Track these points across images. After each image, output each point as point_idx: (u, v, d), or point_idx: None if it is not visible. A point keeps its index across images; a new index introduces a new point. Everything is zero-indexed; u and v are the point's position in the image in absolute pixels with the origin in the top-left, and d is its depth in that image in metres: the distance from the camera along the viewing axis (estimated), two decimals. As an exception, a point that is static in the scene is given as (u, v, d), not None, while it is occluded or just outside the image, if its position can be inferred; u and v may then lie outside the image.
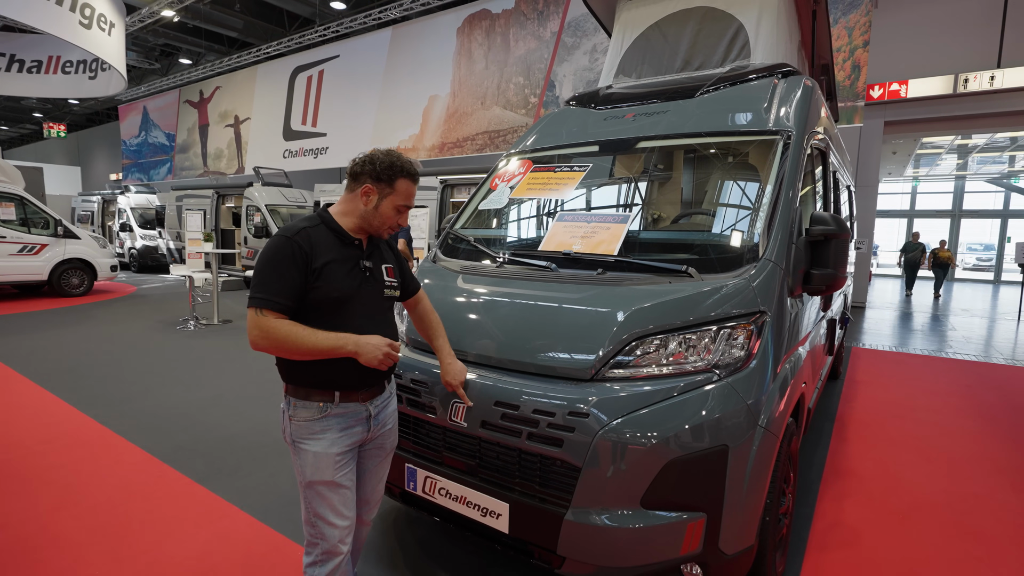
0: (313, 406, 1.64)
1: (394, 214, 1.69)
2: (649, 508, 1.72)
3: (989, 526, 2.77)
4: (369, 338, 1.58)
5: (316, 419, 1.64)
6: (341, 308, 1.62)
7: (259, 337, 1.52)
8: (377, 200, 1.66)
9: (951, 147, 14.36)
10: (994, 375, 5.91)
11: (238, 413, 4.20)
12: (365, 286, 1.68)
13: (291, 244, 1.55)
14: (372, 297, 1.70)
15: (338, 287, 1.60)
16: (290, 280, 1.53)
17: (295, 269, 1.54)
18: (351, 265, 1.66)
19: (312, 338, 1.52)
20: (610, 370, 1.86)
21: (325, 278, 1.58)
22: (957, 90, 10.19)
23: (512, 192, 3.04)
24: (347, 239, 1.67)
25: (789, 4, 3.70)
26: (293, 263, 1.54)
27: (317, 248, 1.59)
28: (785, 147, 2.43)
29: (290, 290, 1.53)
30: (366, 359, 1.56)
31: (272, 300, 1.52)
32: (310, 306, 1.58)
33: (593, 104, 3.35)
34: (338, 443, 1.65)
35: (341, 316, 1.61)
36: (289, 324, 1.52)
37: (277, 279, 1.53)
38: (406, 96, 14.30)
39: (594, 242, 2.44)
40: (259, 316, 1.52)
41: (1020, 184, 19.01)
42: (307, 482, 1.65)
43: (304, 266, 1.55)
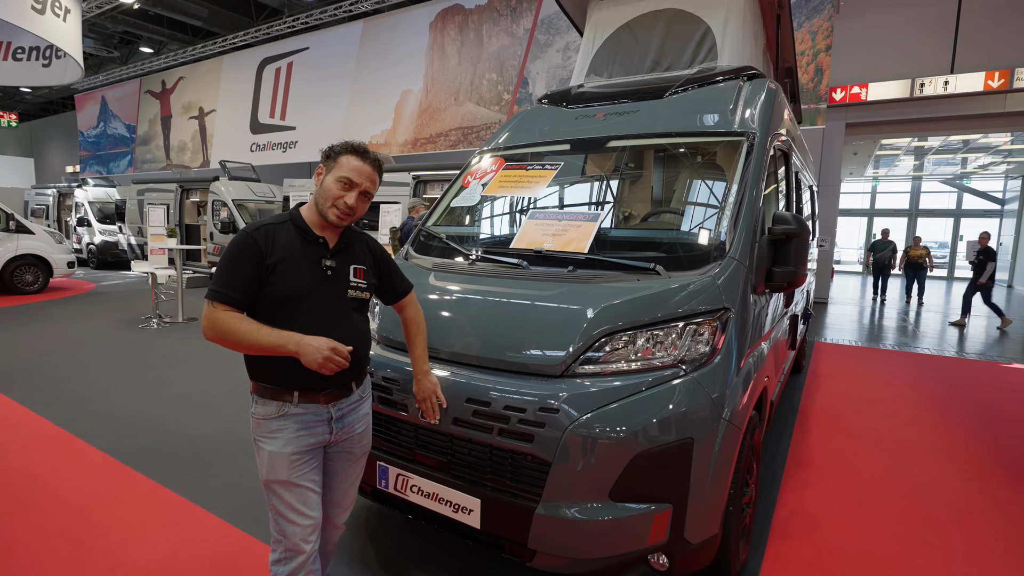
0: (272, 404, 1.63)
1: (337, 188, 1.60)
2: (617, 500, 1.77)
3: (939, 510, 2.92)
4: (312, 339, 1.53)
5: (274, 417, 1.63)
6: (291, 306, 1.59)
7: (207, 327, 1.54)
8: (324, 177, 1.65)
9: (908, 149, 14.93)
10: (946, 368, 6.20)
11: (204, 413, 4.11)
12: (324, 285, 1.64)
13: (249, 239, 1.57)
14: (330, 297, 1.66)
15: (290, 285, 1.58)
16: (243, 275, 1.54)
17: (249, 264, 1.55)
18: (310, 263, 1.63)
19: (255, 333, 1.51)
20: (580, 366, 1.89)
21: (278, 275, 1.57)
22: (914, 94, 10.61)
23: (484, 189, 3.04)
24: (310, 236, 1.65)
25: (754, 8, 3.80)
26: (248, 258, 1.55)
27: (275, 245, 1.59)
28: (749, 148, 2.50)
29: (242, 284, 1.54)
30: (306, 360, 1.52)
31: (223, 293, 1.53)
32: (263, 303, 1.58)
33: (565, 103, 3.38)
34: (293, 443, 1.63)
35: (292, 315, 1.59)
36: (235, 317, 1.53)
37: (231, 273, 1.54)
38: (378, 90, 14.14)
39: (565, 240, 2.47)
40: (210, 307, 1.54)
41: (972, 185, 19.91)
42: (264, 480, 1.65)
43: (258, 262, 1.55)
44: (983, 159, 16.00)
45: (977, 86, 10.16)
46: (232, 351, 1.65)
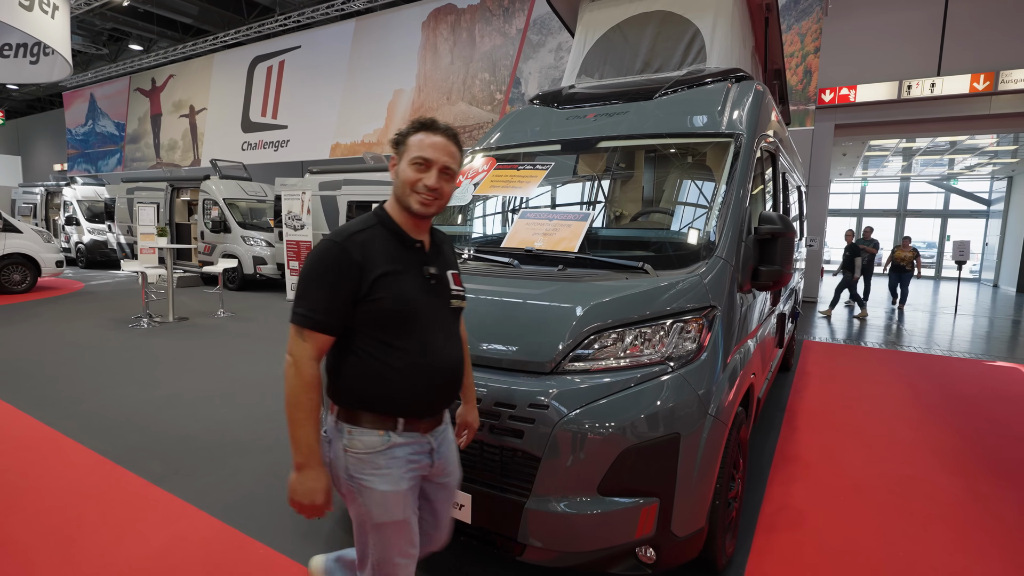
0: (373, 434, 1.39)
1: (413, 171, 1.39)
2: (606, 495, 1.80)
3: (921, 504, 2.98)
4: (309, 477, 1.34)
5: (380, 451, 1.39)
6: (401, 325, 1.38)
7: (288, 365, 1.32)
8: (398, 166, 1.44)
9: (896, 150, 15.12)
10: (933, 366, 6.30)
11: (196, 412, 4.10)
12: (430, 297, 1.44)
13: (339, 251, 1.32)
14: (436, 310, 1.46)
15: (399, 300, 1.36)
16: (336, 294, 1.31)
17: (343, 281, 1.31)
18: (414, 272, 1.42)
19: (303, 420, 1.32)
20: (569, 363, 1.93)
21: (383, 289, 1.34)
22: (901, 96, 10.75)
23: (476, 189, 3.07)
24: (407, 241, 1.44)
25: (743, 11, 3.85)
26: (341, 273, 1.31)
27: (372, 255, 1.35)
28: (736, 149, 2.55)
29: (336, 306, 1.31)
30: (294, 496, 1.35)
31: (313, 318, 1.31)
32: (363, 324, 1.36)
33: (556, 103, 3.42)
34: (406, 478, 1.42)
35: (407, 334, 1.39)
36: (309, 387, 1.31)
37: (322, 292, 1.31)
38: (370, 89, 14.13)
39: (555, 239, 2.50)
40: (298, 337, 1.33)
41: (958, 186, 20.18)
42: (376, 523, 1.42)
43: (355, 277, 1.32)
44: (969, 160, 16.22)
45: (963, 88, 10.32)
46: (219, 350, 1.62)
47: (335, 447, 1.43)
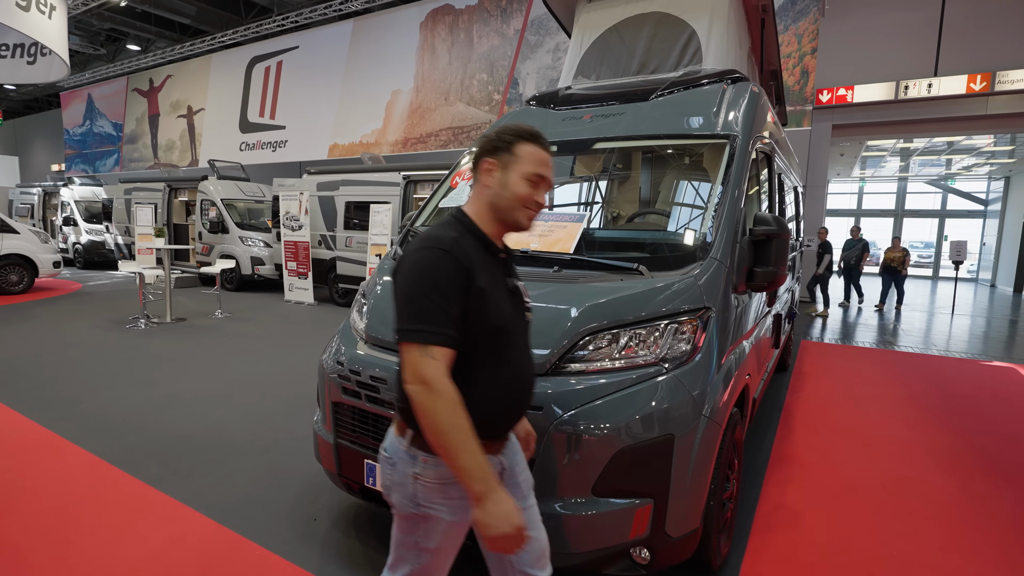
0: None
1: (528, 188, 1.31)
2: (600, 496, 1.81)
3: (916, 504, 2.99)
4: (496, 502, 1.15)
5: (455, 482, 1.24)
6: (500, 339, 1.30)
7: (422, 392, 1.16)
8: (501, 174, 1.32)
9: (894, 150, 15.15)
10: (930, 366, 6.32)
11: (193, 413, 4.10)
12: (515, 309, 1.37)
13: (451, 258, 1.21)
14: (522, 323, 1.39)
15: (500, 313, 1.28)
16: (455, 304, 1.20)
17: (458, 290, 1.20)
18: (501, 284, 1.33)
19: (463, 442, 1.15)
20: (564, 364, 1.93)
21: (485, 300, 1.24)
22: (899, 96, 10.78)
23: (472, 190, 3.08)
24: (494, 250, 1.35)
25: (739, 12, 3.86)
26: (456, 281, 1.20)
27: (474, 262, 1.24)
28: (732, 151, 2.55)
29: (455, 318, 1.20)
30: (489, 531, 1.16)
31: (440, 332, 1.18)
32: (464, 341, 1.23)
33: (552, 104, 3.42)
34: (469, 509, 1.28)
35: (500, 351, 1.30)
36: (457, 405, 1.16)
37: (441, 303, 1.19)
38: (368, 90, 14.14)
39: (551, 240, 2.51)
40: (425, 357, 1.17)
41: (956, 186, 20.22)
42: (426, 548, 1.33)
43: (466, 286, 1.22)
44: (967, 160, 16.25)
45: (960, 89, 10.35)
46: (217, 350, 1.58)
47: (400, 471, 1.31)
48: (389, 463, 1.34)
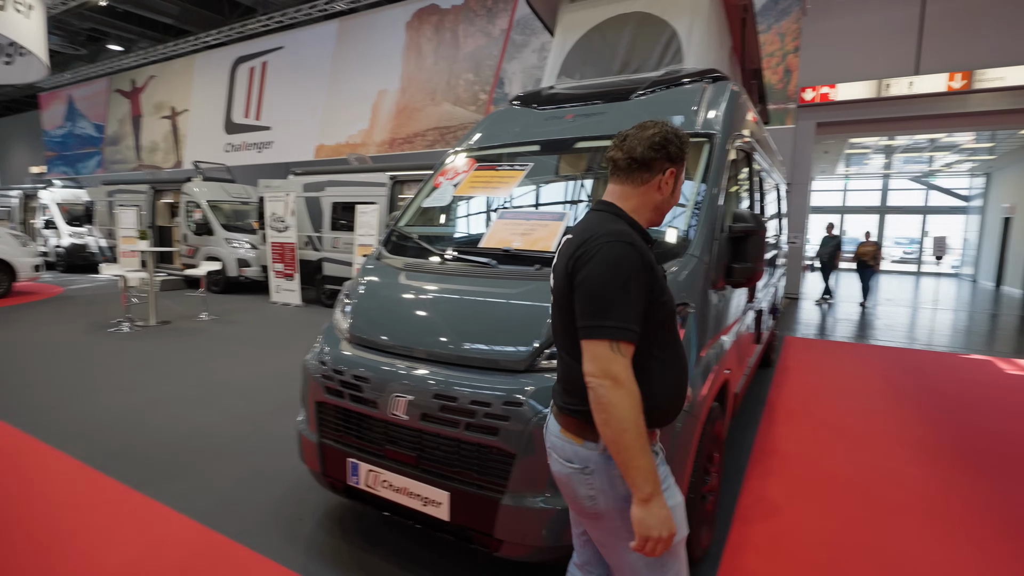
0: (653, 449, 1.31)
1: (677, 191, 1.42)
2: (568, 491, 1.82)
3: (893, 495, 3.05)
4: (660, 505, 1.19)
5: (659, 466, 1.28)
6: (671, 327, 1.32)
7: (610, 388, 1.17)
8: (674, 182, 1.38)
9: (877, 147, 15.36)
10: (912, 360, 6.42)
11: (177, 417, 4.07)
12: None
13: (636, 252, 1.23)
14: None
15: (671, 298, 1.32)
16: (640, 301, 1.22)
17: (645, 285, 1.23)
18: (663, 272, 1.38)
19: (639, 440, 1.17)
20: (544, 361, 1.95)
21: (664, 288, 1.29)
22: (881, 94, 10.92)
23: (456, 190, 3.10)
24: (649, 240, 1.39)
25: (719, 12, 3.90)
26: (642, 277, 1.22)
27: (649, 254, 1.28)
28: (711, 149, 2.59)
29: (639, 314, 1.22)
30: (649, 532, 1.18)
31: (630, 328, 1.19)
32: (649, 327, 1.25)
33: (535, 104, 3.45)
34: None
35: (674, 338, 1.33)
36: (639, 405, 1.18)
37: (630, 299, 1.20)
38: (354, 90, 14.07)
39: (533, 239, 2.53)
40: (616, 353, 1.18)
41: (938, 182, 20.54)
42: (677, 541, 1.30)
43: (650, 279, 1.24)
44: (949, 158, 16.52)
45: (940, 87, 10.51)
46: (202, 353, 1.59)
47: (602, 475, 1.29)
48: (583, 474, 1.30)
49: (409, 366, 2.12)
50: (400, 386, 2.07)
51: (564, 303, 1.31)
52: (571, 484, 1.34)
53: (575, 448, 1.32)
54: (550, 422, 1.43)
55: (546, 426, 1.46)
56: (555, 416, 1.41)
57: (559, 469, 1.37)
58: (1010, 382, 5.54)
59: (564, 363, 1.36)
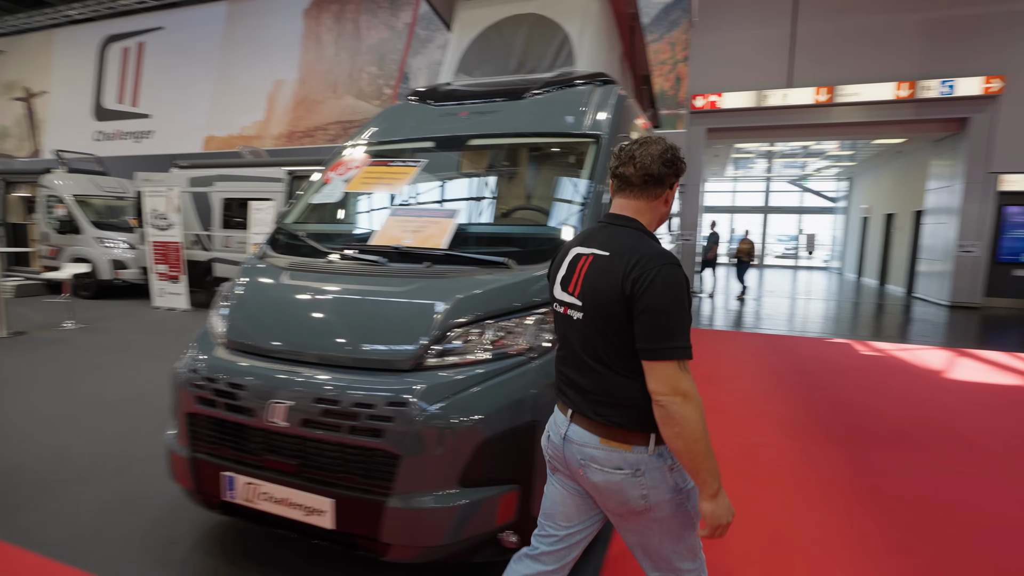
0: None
1: None
2: (467, 486, 1.83)
3: (763, 469, 3.36)
4: (724, 496, 1.34)
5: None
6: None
7: (683, 404, 1.26)
8: (674, 196, 1.51)
9: (760, 152, 16.86)
10: (783, 345, 7.11)
11: (28, 440, 3.59)
12: None
13: (684, 273, 1.34)
14: None
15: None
16: (690, 317, 1.34)
17: (690, 303, 1.34)
18: None
19: (710, 447, 1.29)
20: (430, 359, 1.93)
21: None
22: (760, 104, 11.97)
23: (347, 186, 2.99)
24: None
25: (609, 19, 4.08)
26: (689, 297, 1.33)
27: None
28: (597, 149, 2.69)
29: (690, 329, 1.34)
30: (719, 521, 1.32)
31: (690, 347, 1.29)
32: None
33: (431, 100, 3.41)
34: None
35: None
36: (704, 415, 1.29)
37: (687, 320, 1.30)
38: (248, 79, 13.15)
39: (424, 236, 2.49)
40: (686, 373, 1.27)
41: (811, 185, 22.94)
42: (695, 522, 1.43)
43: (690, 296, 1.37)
44: (819, 163, 18.48)
45: (808, 99, 11.71)
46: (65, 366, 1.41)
47: (654, 474, 1.36)
48: (635, 476, 1.36)
49: (288, 370, 2.01)
50: (278, 391, 1.95)
51: (607, 318, 1.34)
52: (622, 490, 1.38)
53: (624, 455, 1.37)
54: (575, 434, 1.43)
55: (565, 439, 1.45)
56: (586, 428, 1.42)
57: (605, 478, 1.38)
58: (863, 362, 6.30)
59: (597, 375, 1.38)
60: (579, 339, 1.41)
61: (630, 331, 1.30)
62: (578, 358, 1.42)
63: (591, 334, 1.38)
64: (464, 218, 2.66)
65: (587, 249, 1.44)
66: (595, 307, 1.36)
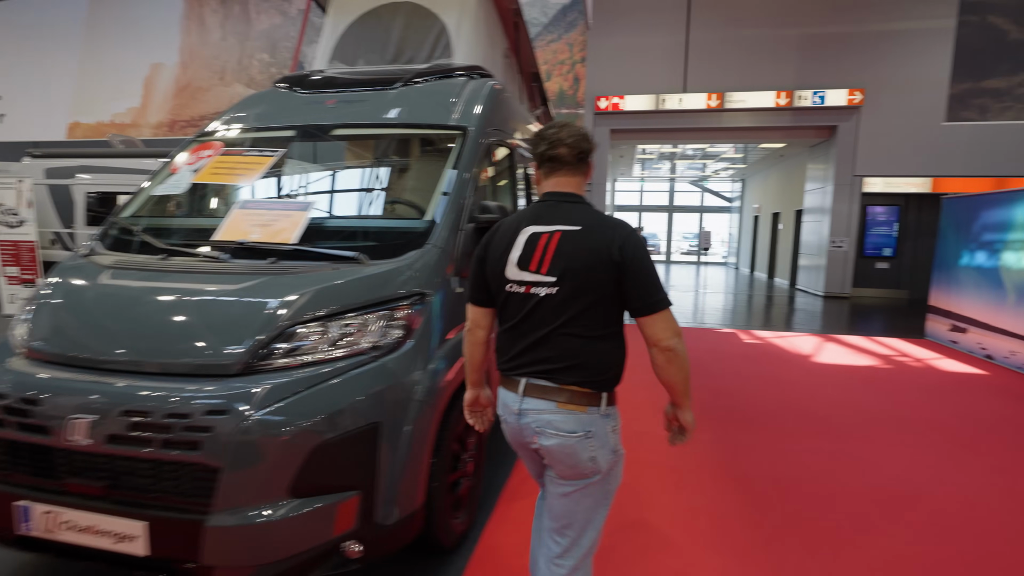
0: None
1: None
2: (299, 496, 1.71)
3: (643, 455, 3.46)
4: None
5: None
6: None
7: (680, 343, 1.47)
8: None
9: (662, 154, 17.75)
10: (676, 335, 7.49)
11: None
12: None
13: None
14: None
15: None
16: None
17: None
18: None
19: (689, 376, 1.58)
20: (260, 362, 1.79)
21: None
22: (658, 107, 12.58)
23: (195, 177, 2.74)
24: None
25: (491, 12, 4.05)
26: None
27: None
28: (463, 142, 2.64)
29: None
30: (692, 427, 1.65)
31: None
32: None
33: (300, 87, 3.22)
34: None
35: None
36: None
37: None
38: (119, 61, 11.93)
39: (274, 231, 2.33)
40: (673, 315, 1.47)
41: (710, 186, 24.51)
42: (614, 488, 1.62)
43: None
44: (716, 165, 19.75)
45: (701, 104, 12.45)
46: None
47: (600, 435, 1.49)
48: (587, 438, 1.47)
49: (92, 380, 1.78)
50: (80, 405, 1.73)
51: (591, 286, 1.43)
52: (574, 452, 1.47)
53: (579, 417, 1.47)
54: (530, 405, 1.50)
55: (520, 414, 1.52)
56: (541, 397, 1.49)
57: (560, 442, 1.47)
58: (745, 349, 6.78)
59: (569, 341, 1.46)
60: (548, 312, 1.46)
61: (613, 295, 1.44)
62: (542, 331, 1.47)
63: (568, 305, 1.44)
64: (319, 211, 2.52)
65: (547, 227, 1.48)
66: (576, 279, 1.43)
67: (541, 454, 1.53)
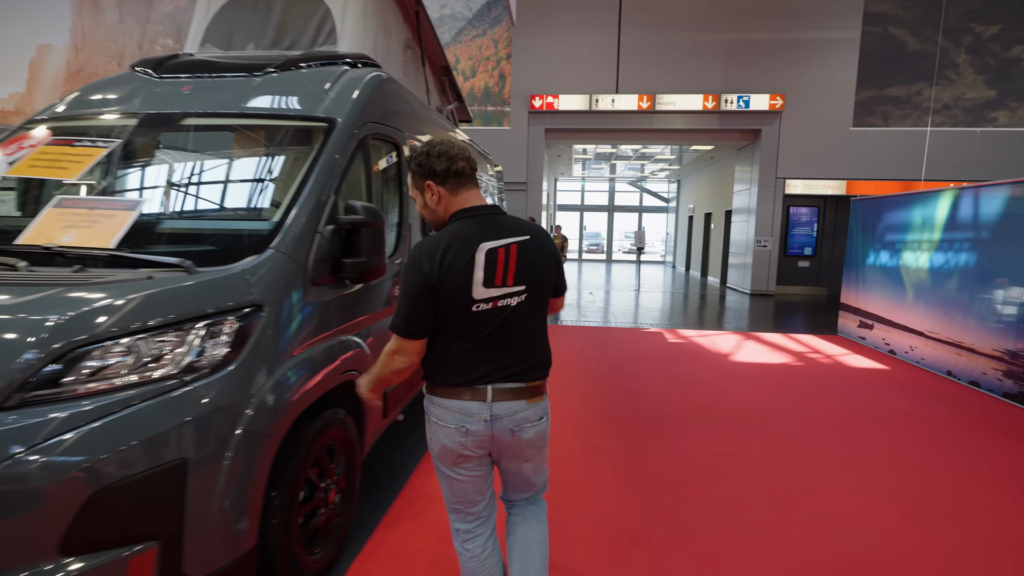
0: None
1: None
2: (72, 555, 1.42)
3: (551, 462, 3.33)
4: None
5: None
6: None
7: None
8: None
9: (599, 154, 17.92)
10: (603, 337, 7.47)
11: None
12: None
13: None
14: None
15: None
16: None
17: None
18: None
19: None
20: (28, 392, 1.48)
21: None
22: (592, 107, 12.64)
23: (8, 169, 2.36)
24: None
25: (386, 1, 3.80)
26: None
27: None
28: (327, 136, 2.40)
29: None
30: None
31: None
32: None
33: (156, 71, 2.87)
34: None
35: None
36: None
37: None
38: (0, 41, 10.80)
39: (91, 233, 2.02)
40: None
41: (648, 186, 25.07)
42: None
43: None
44: (652, 166, 20.17)
45: (633, 105, 12.60)
46: None
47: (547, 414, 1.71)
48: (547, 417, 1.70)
49: None
50: None
51: (547, 286, 1.65)
52: (545, 433, 1.70)
53: (544, 405, 1.68)
54: (501, 409, 1.57)
55: (491, 421, 1.58)
56: (512, 399, 1.59)
57: (537, 430, 1.65)
58: (667, 349, 6.82)
59: (534, 341, 1.64)
60: (516, 320, 1.57)
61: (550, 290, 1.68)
62: (511, 339, 1.57)
63: (531, 310, 1.60)
64: (150, 210, 2.21)
65: (501, 241, 1.55)
66: (540, 283, 1.61)
67: (516, 448, 1.63)
